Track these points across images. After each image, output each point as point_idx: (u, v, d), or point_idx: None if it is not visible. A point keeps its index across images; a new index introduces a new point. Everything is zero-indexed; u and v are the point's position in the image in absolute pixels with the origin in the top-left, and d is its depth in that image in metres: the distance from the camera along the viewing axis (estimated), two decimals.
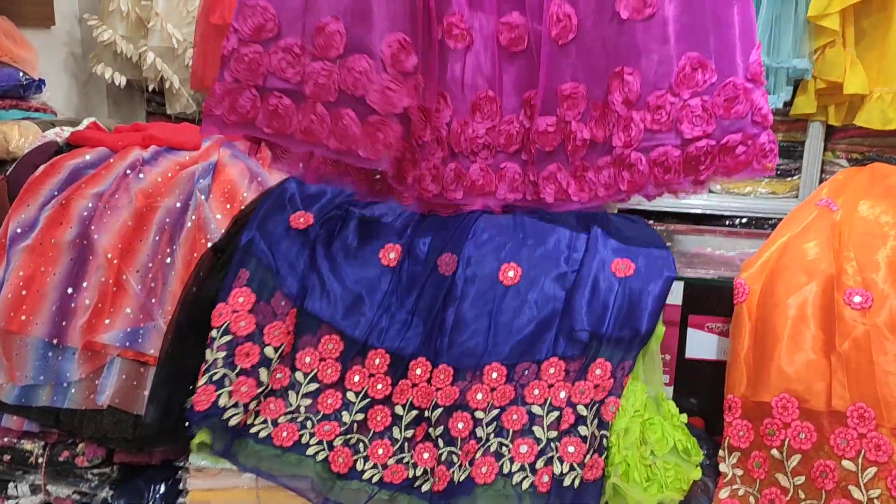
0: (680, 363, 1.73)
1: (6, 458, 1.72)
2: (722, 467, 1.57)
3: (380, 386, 1.60)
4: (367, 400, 1.60)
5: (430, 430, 1.56)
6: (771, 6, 2.81)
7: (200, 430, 1.59)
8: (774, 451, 1.53)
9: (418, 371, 1.60)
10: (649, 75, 1.58)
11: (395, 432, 1.59)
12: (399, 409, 1.60)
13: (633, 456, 1.47)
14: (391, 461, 1.57)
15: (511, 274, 1.64)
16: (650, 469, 1.49)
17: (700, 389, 1.74)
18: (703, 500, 1.57)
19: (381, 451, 1.58)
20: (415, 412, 1.60)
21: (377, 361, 1.61)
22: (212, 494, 1.65)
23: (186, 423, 1.59)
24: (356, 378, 1.61)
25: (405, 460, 1.57)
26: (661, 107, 1.58)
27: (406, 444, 1.59)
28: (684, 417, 1.61)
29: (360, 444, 1.59)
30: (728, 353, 1.65)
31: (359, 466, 1.57)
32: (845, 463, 1.47)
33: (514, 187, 1.74)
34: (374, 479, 1.56)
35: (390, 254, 1.69)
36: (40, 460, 1.72)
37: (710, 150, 1.59)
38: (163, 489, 1.73)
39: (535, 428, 1.53)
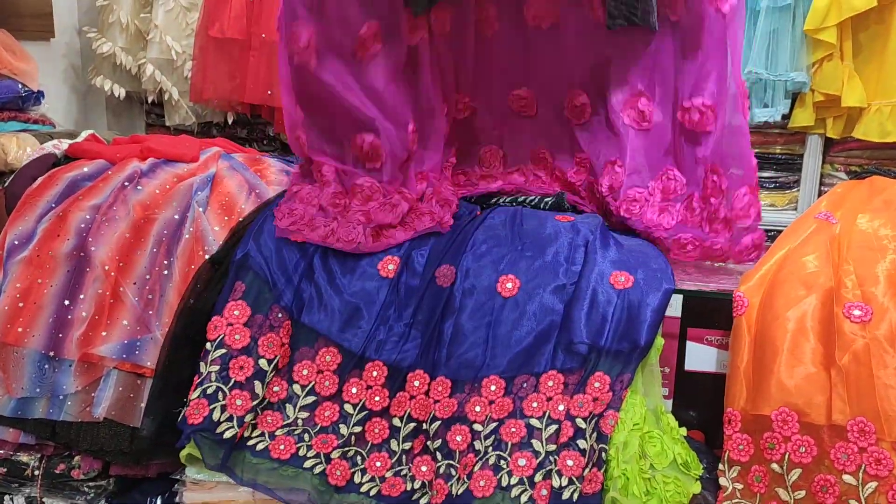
0: (679, 376, 1.72)
1: (2, 470, 1.71)
2: (722, 481, 1.56)
3: (377, 398, 1.60)
4: (365, 412, 1.59)
5: (429, 442, 1.56)
6: (769, 19, 2.82)
7: (189, 444, 1.58)
8: (775, 465, 1.52)
9: (416, 383, 1.59)
10: (634, 171, 1.80)
11: (394, 444, 1.58)
12: (397, 422, 1.59)
13: (632, 469, 1.46)
14: (389, 474, 1.56)
15: (509, 286, 1.63)
16: (649, 482, 1.48)
17: (699, 402, 1.73)
18: None
19: (378, 464, 1.57)
20: (413, 424, 1.59)
21: (375, 374, 1.61)
22: None
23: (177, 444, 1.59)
24: (354, 390, 1.60)
25: (403, 473, 1.56)
26: (636, 200, 1.75)
27: (404, 457, 1.58)
28: (683, 430, 1.60)
29: (358, 457, 1.58)
30: (727, 365, 1.64)
31: (356, 479, 1.56)
32: (846, 477, 1.46)
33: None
34: (372, 492, 1.55)
35: (389, 265, 1.69)
36: (36, 473, 1.71)
37: (693, 244, 1.80)
38: (159, 502, 1.72)
39: (533, 441, 1.52)
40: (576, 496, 1.46)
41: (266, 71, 2.84)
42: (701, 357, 1.72)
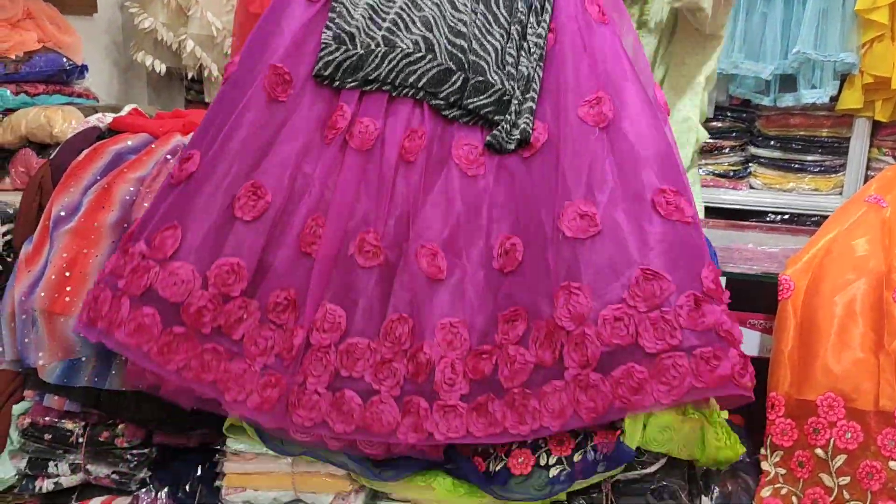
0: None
1: (47, 437, 1.74)
2: (764, 465, 1.55)
3: None
4: None
5: None
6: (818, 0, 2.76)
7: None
8: (819, 451, 1.50)
9: None
10: (598, 289, 1.41)
11: None
12: None
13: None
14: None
15: None
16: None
17: None
18: (744, 498, 1.55)
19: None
20: None
21: None
22: (248, 478, 1.66)
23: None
24: None
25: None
26: (619, 319, 1.39)
27: None
28: (725, 414, 1.58)
29: None
30: (771, 350, 1.62)
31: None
32: (892, 464, 1.44)
33: (418, 425, 1.45)
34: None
35: None
36: (80, 440, 1.74)
37: (678, 362, 1.37)
38: (200, 472, 1.74)
39: None
40: (601, 467, 1.45)
41: None
42: (744, 340, 1.69)
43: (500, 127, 1.52)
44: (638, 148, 1.48)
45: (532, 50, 1.56)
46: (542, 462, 1.49)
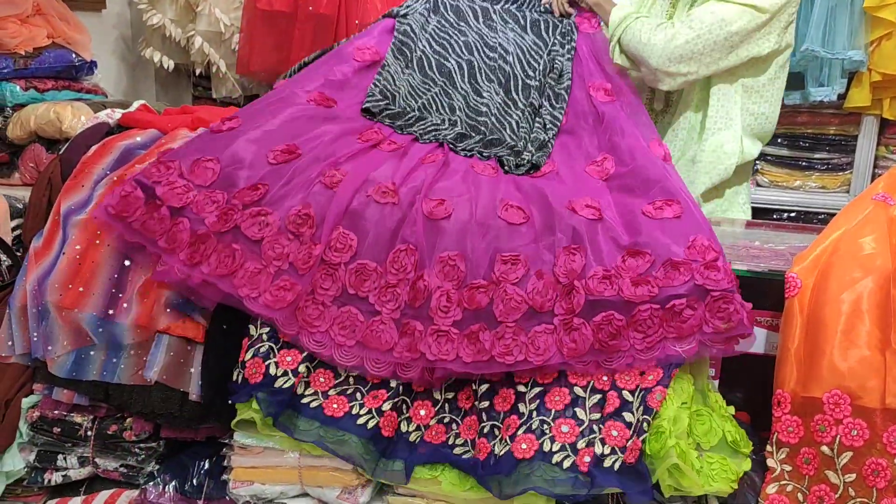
0: (727, 357, 1.70)
1: (56, 430, 1.76)
2: (770, 462, 1.55)
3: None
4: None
5: (477, 403, 1.59)
6: None
7: (243, 407, 1.61)
8: (825, 448, 1.50)
9: None
10: (594, 255, 1.58)
11: (436, 394, 1.64)
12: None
13: (683, 444, 1.46)
14: (433, 422, 1.62)
15: None
16: (698, 461, 1.47)
17: (746, 384, 1.72)
18: (749, 494, 1.55)
19: (423, 413, 1.63)
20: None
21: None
22: (255, 472, 1.68)
23: (230, 401, 1.62)
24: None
25: (445, 420, 1.62)
26: (607, 277, 1.54)
27: (446, 405, 1.63)
28: (731, 409, 1.59)
29: (404, 406, 1.63)
30: (777, 347, 1.62)
31: (403, 428, 1.62)
32: None
33: (412, 346, 1.58)
34: (416, 440, 1.61)
35: None
36: (89, 433, 1.76)
37: (654, 314, 1.51)
38: (207, 465, 1.75)
39: (577, 409, 1.54)
40: (618, 465, 1.47)
41: (312, 43, 2.84)
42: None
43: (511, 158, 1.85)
44: (633, 184, 1.74)
45: (548, 127, 1.90)
46: (546, 448, 1.50)
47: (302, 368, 1.61)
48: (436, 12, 2.13)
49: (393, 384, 1.62)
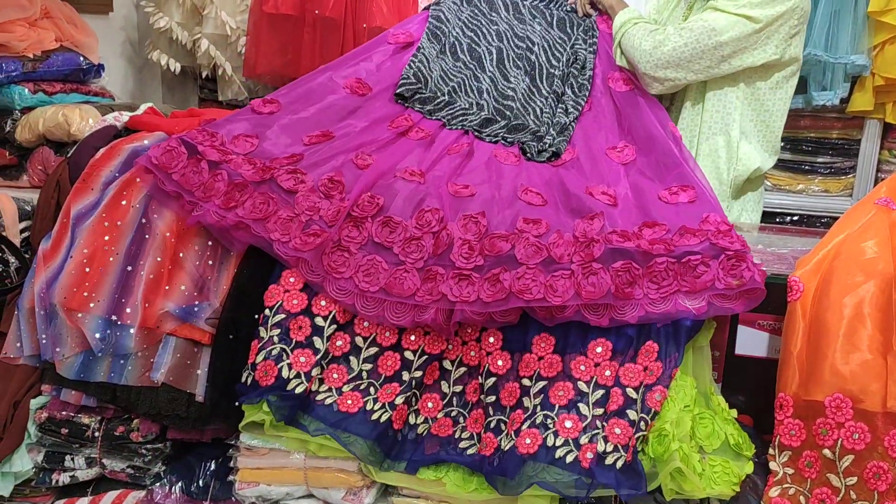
0: (729, 360, 1.72)
1: (64, 431, 1.77)
2: (772, 465, 1.56)
3: (435, 342, 1.65)
4: (425, 357, 1.65)
5: (482, 396, 1.62)
6: (830, 1, 2.75)
7: (251, 409, 1.62)
8: (826, 451, 1.51)
9: (468, 329, 1.65)
10: (612, 223, 1.68)
11: (444, 387, 1.67)
12: (447, 364, 1.67)
13: (686, 448, 1.48)
14: (440, 415, 1.65)
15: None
16: (700, 464, 1.49)
17: (749, 387, 1.73)
18: (751, 497, 1.56)
19: (430, 405, 1.66)
20: (463, 369, 1.66)
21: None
22: (261, 473, 1.69)
23: (238, 403, 1.63)
24: (412, 337, 1.65)
25: (452, 414, 1.65)
26: (624, 234, 1.63)
27: (454, 399, 1.66)
28: (734, 412, 1.60)
29: (413, 399, 1.65)
30: (780, 350, 1.63)
31: (411, 420, 1.65)
32: None
33: (433, 289, 1.61)
34: (423, 432, 1.64)
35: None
36: (97, 434, 1.77)
37: (670, 267, 1.58)
38: (213, 466, 1.77)
39: (580, 405, 1.56)
40: (619, 463, 1.49)
41: (318, 47, 2.86)
42: (752, 341, 1.71)
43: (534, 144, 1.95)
44: (649, 173, 1.85)
45: (570, 111, 2.01)
46: (550, 443, 1.53)
47: (315, 371, 1.63)
48: (469, 2, 2.25)
49: (405, 377, 1.64)
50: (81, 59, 2.50)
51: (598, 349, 1.59)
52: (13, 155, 2.29)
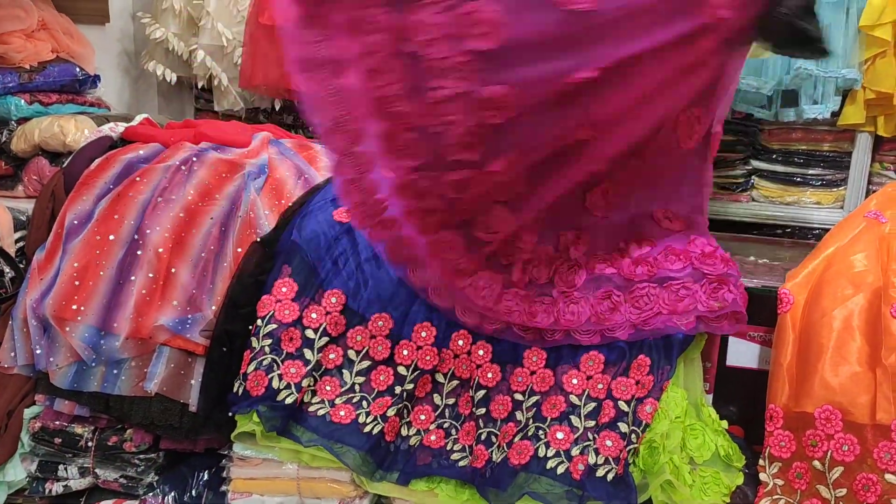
0: (720, 371, 1.73)
1: (57, 440, 1.78)
2: (762, 476, 1.56)
3: (428, 357, 1.66)
4: (418, 371, 1.66)
5: (474, 409, 1.62)
6: (822, 14, 2.77)
7: (243, 419, 1.63)
8: (816, 463, 1.52)
9: (460, 342, 1.66)
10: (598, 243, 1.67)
11: (437, 399, 1.67)
12: (440, 377, 1.67)
13: (676, 459, 1.48)
14: (432, 426, 1.65)
15: None
16: (691, 475, 1.49)
17: (740, 398, 1.73)
18: None
19: (423, 417, 1.66)
20: (455, 382, 1.67)
21: (423, 334, 1.65)
22: (254, 483, 1.69)
23: (230, 413, 1.64)
24: (405, 352, 1.66)
25: (444, 426, 1.65)
26: (607, 259, 1.63)
27: (447, 411, 1.66)
28: (724, 424, 1.61)
29: (405, 411, 1.66)
30: (770, 362, 1.64)
31: (403, 432, 1.65)
32: (888, 476, 1.46)
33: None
34: (416, 444, 1.64)
35: None
36: (90, 444, 1.77)
37: (651, 292, 1.59)
38: (206, 476, 1.77)
39: (572, 417, 1.57)
40: (610, 476, 1.49)
41: None
42: (743, 353, 1.72)
43: None
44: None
45: None
46: (541, 454, 1.54)
47: (305, 382, 1.64)
48: None
49: (397, 390, 1.64)
50: (78, 69, 2.51)
51: (591, 362, 1.60)
52: (9, 165, 2.30)
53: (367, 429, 1.62)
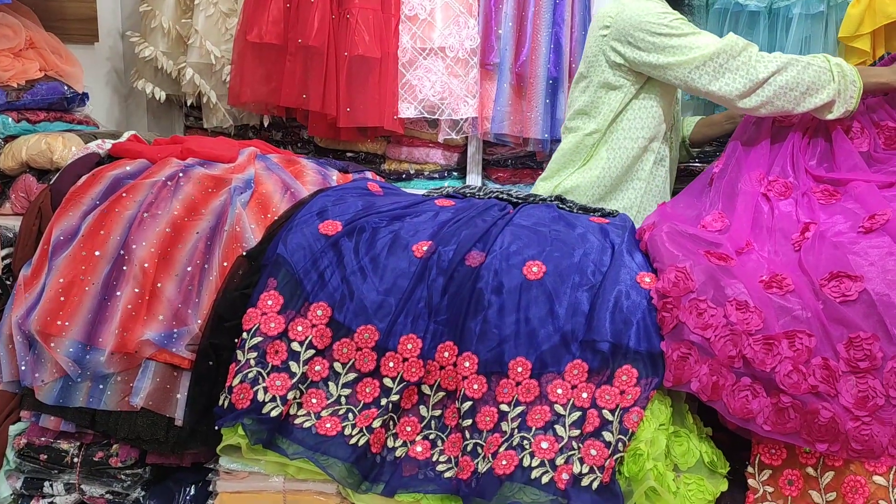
0: None
1: (43, 457, 1.77)
2: (751, 482, 1.56)
3: (414, 369, 1.65)
4: (403, 383, 1.65)
5: (461, 420, 1.62)
6: (801, 27, 2.80)
7: (228, 433, 1.62)
8: (810, 469, 1.52)
9: (445, 354, 1.65)
10: None
11: (423, 410, 1.67)
12: (426, 389, 1.67)
13: (661, 466, 1.48)
14: (418, 437, 1.65)
15: (535, 269, 1.66)
16: (675, 482, 1.49)
17: None
18: None
19: (409, 429, 1.65)
20: (442, 393, 1.66)
21: (409, 346, 1.65)
22: (240, 497, 1.69)
23: (216, 426, 1.63)
24: (391, 364, 1.66)
25: (430, 437, 1.64)
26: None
27: (433, 423, 1.65)
28: (709, 430, 1.61)
29: (391, 422, 1.65)
30: None
31: (389, 444, 1.64)
32: (876, 478, 1.46)
33: None
34: (402, 455, 1.63)
35: (423, 247, 1.72)
36: (76, 460, 1.77)
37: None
38: (193, 491, 1.76)
39: (556, 426, 1.57)
40: (595, 484, 1.49)
41: (301, 75, 2.88)
42: None
43: None
44: None
45: None
46: (525, 463, 1.53)
47: (291, 395, 1.63)
48: None
49: (383, 402, 1.64)
50: (66, 88, 2.53)
51: (575, 371, 1.59)
52: None
53: (352, 440, 1.62)
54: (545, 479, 1.52)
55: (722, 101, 2.10)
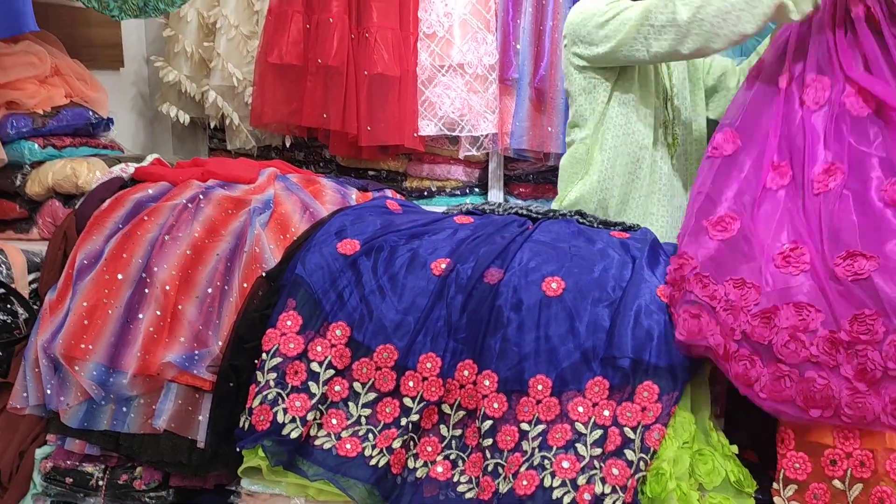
0: (731, 394, 1.69)
1: (69, 480, 1.78)
2: (777, 500, 1.53)
3: (434, 388, 1.65)
4: (423, 403, 1.64)
5: (481, 440, 1.60)
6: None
7: (249, 454, 1.63)
8: (837, 482, 1.48)
9: (465, 373, 1.64)
10: None
11: (443, 430, 1.65)
12: (446, 408, 1.66)
13: (685, 486, 1.45)
14: (439, 457, 1.63)
15: (554, 286, 1.65)
16: (700, 502, 1.46)
17: (752, 421, 1.70)
18: None
19: (429, 449, 1.64)
20: (462, 413, 1.65)
21: (429, 365, 1.65)
22: None
23: (237, 448, 1.64)
24: (411, 384, 1.65)
25: (451, 457, 1.63)
26: None
27: (454, 442, 1.64)
28: (735, 448, 1.57)
29: (412, 443, 1.64)
30: None
31: (410, 464, 1.63)
32: None
33: None
34: (422, 476, 1.62)
35: (441, 265, 1.72)
36: (101, 483, 1.78)
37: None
38: None
39: (577, 445, 1.55)
40: None
41: (322, 95, 2.91)
42: None
43: None
44: None
45: None
46: (547, 484, 1.51)
47: (311, 416, 1.63)
48: None
49: (403, 422, 1.63)
50: (91, 113, 2.57)
51: (596, 388, 1.57)
52: (23, 208, 2.34)
53: (373, 461, 1.61)
54: (567, 500, 1.49)
55: (673, 59, 2.04)
